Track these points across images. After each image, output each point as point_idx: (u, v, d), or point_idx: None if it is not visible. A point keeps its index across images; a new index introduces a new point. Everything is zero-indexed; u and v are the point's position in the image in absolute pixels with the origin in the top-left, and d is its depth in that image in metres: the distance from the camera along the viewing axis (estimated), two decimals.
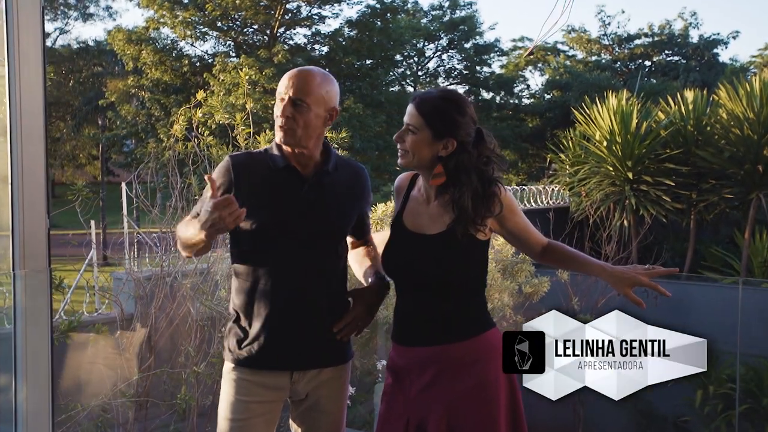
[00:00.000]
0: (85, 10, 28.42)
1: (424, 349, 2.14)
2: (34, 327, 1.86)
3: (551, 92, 26.63)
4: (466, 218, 2.10)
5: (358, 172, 2.39)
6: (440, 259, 2.12)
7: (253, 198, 2.22)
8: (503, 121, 24.98)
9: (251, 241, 2.25)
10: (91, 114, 24.72)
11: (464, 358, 2.11)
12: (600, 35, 30.09)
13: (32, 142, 1.86)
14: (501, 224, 2.19)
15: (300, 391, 2.30)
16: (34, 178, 1.88)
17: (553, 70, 28.42)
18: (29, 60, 1.82)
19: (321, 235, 2.25)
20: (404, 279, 2.20)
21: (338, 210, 2.29)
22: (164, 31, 20.43)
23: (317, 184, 2.26)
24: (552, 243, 2.28)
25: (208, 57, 20.58)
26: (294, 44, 21.13)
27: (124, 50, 19.43)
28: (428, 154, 2.15)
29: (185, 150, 5.42)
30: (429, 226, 2.19)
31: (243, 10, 19.32)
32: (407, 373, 2.17)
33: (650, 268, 2.12)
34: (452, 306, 2.14)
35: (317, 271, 2.25)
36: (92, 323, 5.49)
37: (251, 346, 2.26)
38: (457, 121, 2.13)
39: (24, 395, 1.83)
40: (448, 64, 26.91)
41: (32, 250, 1.85)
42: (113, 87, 21.20)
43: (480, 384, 2.08)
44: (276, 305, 2.23)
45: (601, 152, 13.64)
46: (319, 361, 2.27)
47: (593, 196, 12.95)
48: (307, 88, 2.19)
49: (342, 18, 35.64)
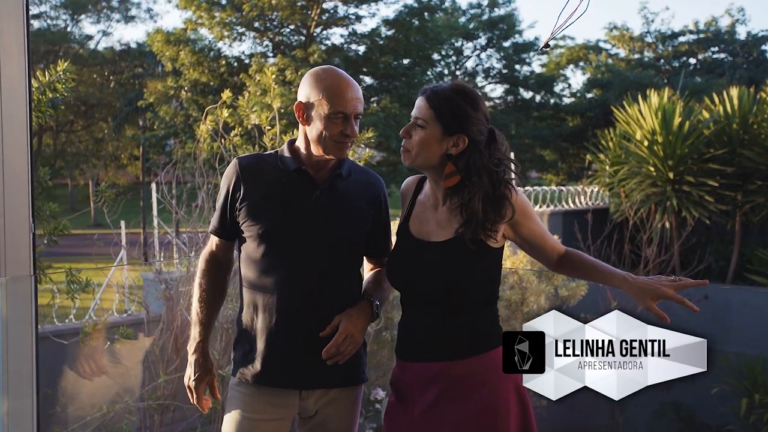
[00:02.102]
0: (126, 12, 28.84)
1: (427, 365, 1.99)
2: (16, 337, 1.77)
3: (592, 91, 26.20)
4: (476, 223, 1.94)
5: (374, 181, 2.25)
6: (447, 268, 1.96)
7: (261, 201, 2.13)
8: (543, 121, 24.63)
9: (258, 246, 2.13)
10: (131, 115, 25.05)
11: (471, 377, 1.95)
12: (643, 33, 29.54)
13: (14, 142, 1.77)
14: (514, 230, 2.02)
15: (309, 408, 2.17)
16: (15, 179, 1.79)
17: (595, 68, 27.97)
18: (11, 56, 1.73)
19: (332, 244, 2.11)
20: (409, 290, 2.05)
21: (351, 218, 2.15)
22: (202, 32, 20.59)
23: (330, 189, 2.14)
24: (570, 251, 2.10)
25: (245, 57, 20.67)
26: (331, 44, 21.11)
27: (162, 51, 19.62)
28: (437, 152, 1.98)
29: (211, 151, 5.37)
30: (436, 233, 2.03)
31: (279, 11, 19.35)
32: (410, 391, 2.01)
33: (676, 280, 1.93)
34: (459, 319, 1.98)
35: (328, 284, 2.11)
36: (118, 324, 5.48)
37: (257, 361, 2.14)
38: (470, 116, 1.97)
39: (5, 410, 1.75)
40: (486, 63, 26.64)
41: (14, 256, 1.76)
42: (152, 88, 21.43)
43: (488, 407, 1.92)
44: (283, 318, 2.10)
45: (642, 152, 13.35)
46: (328, 380, 2.14)
47: (633, 197, 12.67)
48: (360, 99, 2.16)
49: (379, 17, 35.61)
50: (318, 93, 2.09)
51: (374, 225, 2.20)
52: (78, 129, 28.45)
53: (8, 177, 1.79)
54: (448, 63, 26.30)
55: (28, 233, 1.81)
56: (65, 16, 27.79)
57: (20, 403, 1.78)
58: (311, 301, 2.10)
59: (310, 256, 2.10)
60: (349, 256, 2.16)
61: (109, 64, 27.76)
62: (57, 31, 27.16)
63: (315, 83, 2.11)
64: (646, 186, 13.32)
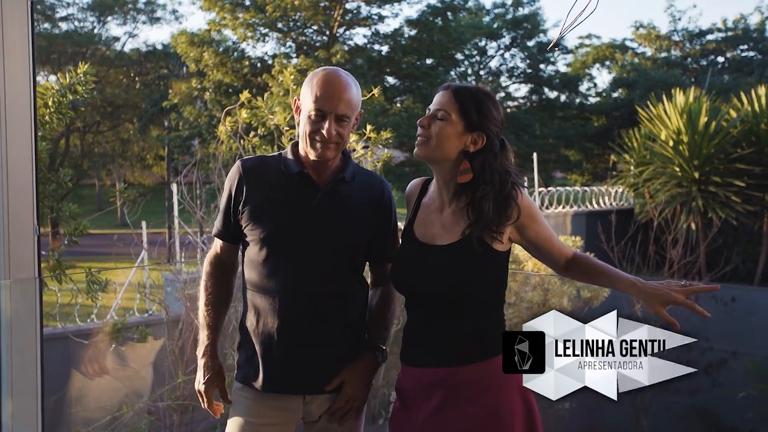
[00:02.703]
0: (152, 14, 29.06)
1: (430, 370, 1.96)
2: (20, 340, 1.77)
3: (618, 90, 25.95)
4: (484, 223, 1.91)
5: (378, 184, 2.20)
6: (452, 271, 1.93)
7: (263, 204, 2.11)
8: (567, 121, 24.44)
9: (260, 250, 2.11)
10: (156, 116, 25.27)
11: (475, 383, 1.91)
12: (670, 31, 29.21)
13: (18, 144, 1.77)
14: (520, 233, 1.98)
15: (313, 413, 2.14)
16: (19, 182, 1.78)
17: (620, 67, 27.70)
18: (15, 59, 1.73)
19: (335, 248, 2.08)
20: (413, 294, 2.02)
21: (354, 222, 2.11)
22: (226, 33, 20.70)
23: (332, 193, 2.11)
24: (578, 255, 2.05)
25: (268, 58, 20.76)
26: (353, 44, 21.12)
27: (186, 53, 19.76)
28: (455, 147, 1.97)
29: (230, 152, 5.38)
30: (441, 236, 1.99)
31: (302, 11, 19.40)
32: (414, 397, 1.99)
33: (687, 285, 1.88)
34: (464, 324, 1.94)
35: (330, 288, 2.08)
36: (138, 324, 5.51)
37: (260, 366, 2.12)
38: (492, 116, 1.98)
39: (9, 412, 1.75)
40: (510, 63, 26.49)
41: (18, 258, 1.76)
42: (177, 89, 21.61)
43: (493, 412, 1.88)
44: (285, 322, 2.08)
45: (667, 152, 13.20)
46: (318, 386, 2.11)
47: (658, 198, 12.52)
48: (348, 99, 2.09)
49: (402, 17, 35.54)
50: (305, 91, 2.09)
51: (378, 229, 2.16)
52: (104, 130, 28.73)
53: (12, 179, 1.79)
54: (471, 63, 26.19)
55: (32, 235, 1.81)
56: (92, 18, 28.07)
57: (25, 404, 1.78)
58: (313, 305, 2.07)
59: (312, 260, 2.07)
60: (352, 260, 2.13)
61: (134, 66, 28.00)
62: (84, 33, 27.44)
63: (306, 82, 2.11)
64: (672, 186, 13.15)
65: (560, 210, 12.38)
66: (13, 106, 1.75)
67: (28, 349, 1.78)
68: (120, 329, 5.16)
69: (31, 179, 1.81)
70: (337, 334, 2.09)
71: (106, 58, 27.22)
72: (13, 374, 1.74)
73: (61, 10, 27.39)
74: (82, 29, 27.66)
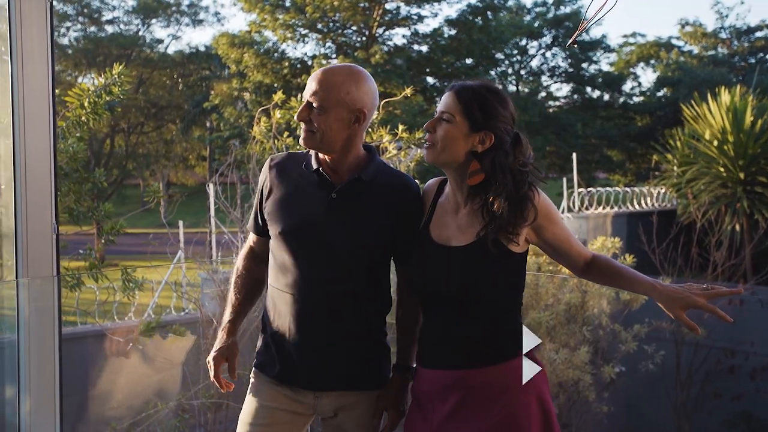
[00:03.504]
0: (195, 16, 29.48)
1: (446, 372, 1.93)
2: (38, 337, 1.79)
3: (663, 89, 25.50)
4: (498, 225, 1.87)
5: (402, 186, 2.15)
6: (467, 273, 1.89)
7: (282, 200, 2.14)
8: (610, 120, 24.10)
9: (278, 246, 2.14)
10: (198, 116, 25.63)
11: (490, 386, 1.88)
12: (717, 28, 28.59)
13: (37, 142, 1.79)
14: (538, 234, 1.94)
15: (326, 409, 2.16)
16: (38, 180, 1.80)
17: (665, 66, 27.21)
18: (34, 58, 1.75)
19: (347, 250, 2.06)
20: (428, 295, 1.99)
21: (366, 224, 2.08)
22: (266, 35, 20.87)
23: (346, 193, 2.08)
24: (598, 257, 2.00)
25: (307, 59, 20.87)
26: (393, 45, 21.13)
27: (227, 54, 19.98)
28: (462, 149, 1.92)
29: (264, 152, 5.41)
30: (457, 237, 1.96)
31: (342, 12, 19.46)
32: (429, 399, 1.96)
33: (709, 288, 1.82)
34: (478, 326, 1.91)
35: (341, 289, 2.08)
36: (172, 323, 5.58)
37: (274, 358, 2.16)
38: (498, 114, 1.91)
39: (27, 409, 1.77)
40: (551, 62, 26.22)
41: (37, 256, 1.78)
42: (218, 90, 21.88)
43: (508, 417, 1.85)
44: (295, 320, 2.10)
45: (712, 152, 12.92)
46: (342, 383, 2.12)
47: (702, 199, 12.25)
48: (324, 90, 2.04)
49: (441, 17, 35.42)
50: None
51: (395, 231, 2.11)
52: (148, 131, 29.22)
53: (31, 180, 1.81)
54: (512, 62, 25.99)
55: (51, 235, 1.82)
56: (137, 21, 28.58)
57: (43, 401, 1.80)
58: (322, 305, 2.08)
59: (323, 260, 2.07)
60: (365, 260, 2.10)
61: (177, 67, 28.44)
62: (129, 36, 27.95)
63: None
64: (716, 187, 12.87)
65: (600, 211, 12.19)
66: (32, 106, 1.77)
67: (46, 346, 1.80)
68: (155, 327, 5.22)
69: (50, 179, 1.83)
70: (349, 334, 2.09)
71: (150, 60, 27.69)
72: (31, 371, 1.77)
73: (107, 14, 27.96)
74: (127, 32, 28.18)
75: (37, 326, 1.79)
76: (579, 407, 6.53)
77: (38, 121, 1.80)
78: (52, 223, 1.81)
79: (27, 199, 1.76)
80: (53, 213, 1.80)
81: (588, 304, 6.65)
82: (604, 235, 9.51)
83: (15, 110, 1.77)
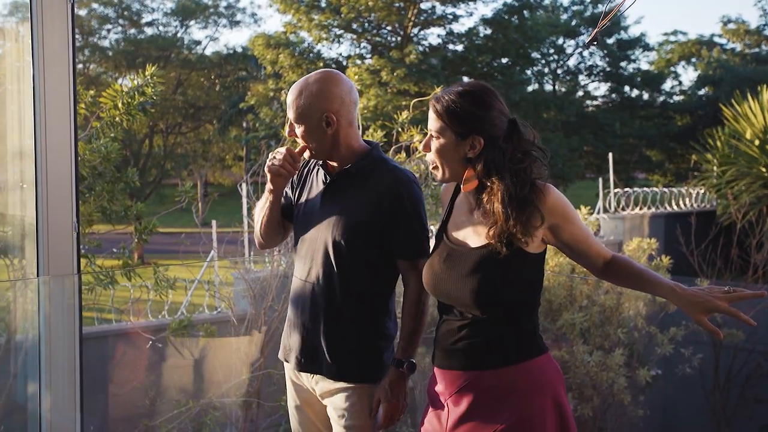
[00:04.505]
0: (233, 17, 29.73)
1: (459, 373, 1.92)
2: (59, 334, 1.81)
3: (704, 88, 25.04)
4: (501, 229, 1.83)
5: (395, 181, 2.19)
6: (481, 275, 1.87)
7: (295, 193, 2.33)
8: (649, 120, 23.74)
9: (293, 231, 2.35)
10: (235, 117, 25.88)
11: (504, 388, 1.86)
12: (761, 25, 27.98)
13: (58, 141, 1.81)
14: (555, 235, 1.90)
15: (322, 394, 2.26)
16: (59, 178, 1.83)
17: (706, 64, 26.71)
18: (54, 56, 1.77)
19: (332, 240, 2.17)
20: (443, 296, 1.98)
21: (347, 216, 2.16)
22: (302, 35, 20.96)
23: (335, 184, 2.21)
24: (617, 257, 1.95)
25: (342, 59, 20.92)
26: (428, 44, 21.07)
27: (263, 55, 20.11)
28: (457, 159, 1.91)
29: None
30: (472, 238, 1.94)
31: (376, 12, 19.46)
32: (443, 400, 1.95)
33: (730, 291, 1.76)
34: (493, 327, 1.89)
35: (328, 279, 2.19)
36: (203, 322, 5.62)
37: (285, 341, 2.33)
38: (479, 116, 1.88)
39: (47, 405, 1.79)
40: (589, 61, 25.91)
41: (57, 254, 1.80)
42: (254, 90, 22.04)
43: (522, 419, 1.82)
44: (291, 304, 2.28)
45: (753, 151, 12.65)
46: (320, 368, 2.22)
47: (742, 199, 11.99)
48: (292, 108, 2.20)
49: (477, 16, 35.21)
50: None
51: (382, 225, 2.17)
52: (186, 131, 29.58)
53: (52, 178, 1.84)
54: (548, 61, 25.75)
55: (71, 233, 1.84)
56: (175, 23, 28.93)
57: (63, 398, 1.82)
58: (311, 293, 2.20)
59: (311, 251, 2.21)
60: (349, 252, 2.16)
61: (215, 68, 28.74)
62: (167, 38, 28.31)
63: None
64: (757, 187, 12.58)
65: (637, 212, 11.99)
66: (53, 105, 1.79)
67: (67, 343, 1.82)
68: (187, 325, 5.26)
69: (71, 178, 1.85)
70: (340, 323, 2.18)
71: (188, 61, 28.03)
72: (51, 368, 1.79)
73: (146, 16, 28.35)
74: (165, 33, 28.55)
75: (58, 323, 1.82)
76: (614, 410, 6.45)
77: (59, 120, 1.83)
78: (73, 221, 1.83)
79: (48, 198, 1.78)
80: (74, 211, 1.82)
81: (623, 306, 6.56)
82: (640, 236, 9.37)
83: (36, 109, 1.80)
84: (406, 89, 18.09)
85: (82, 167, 3.90)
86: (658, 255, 7.04)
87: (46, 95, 1.75)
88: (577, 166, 21.25)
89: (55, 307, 1.84)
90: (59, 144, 1.78)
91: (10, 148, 2.32)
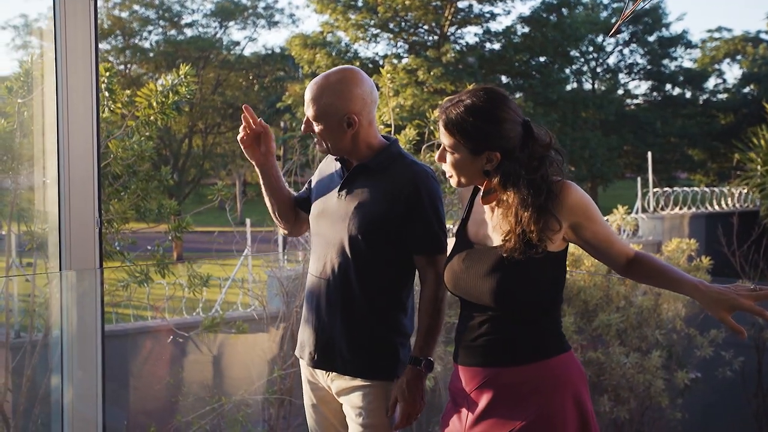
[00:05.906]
0: (271, 18, 29.94)
1: (479, 370, 1.89)
2: (81, 329, 1.82)
3: (748, 86, 24.51)
4: (516, 239, 1.80)
5: (411, 176, 2.16)
6: (500, 273, 1.84)
7: (315, 187, 2.32)
8: (692, 119, 23.32)
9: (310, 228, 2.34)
10: (273, 117, 26.05)
11: (524, 385, 1.83)
12: None
13: (81, 137, 1.82)
14: (576, 233, 1.86)
15: (338, 392, 2.23)
16: (82, 174, 1.84)
17: (751, 61, 26.13)
18: (77, 54, 1.78)
19: (348, 235, 2.15)
20: (462, 294, 1.95)
21: (362, 211, 2.14)
22: (339, 35, 21.05)
23: (352, 179, 2.19)
24: (641, 255, 1.91)
25: (379, 59, 20.96)
26: (465, 43, 20.99)
27: (300, 55, 20.24)
28: (475, 171, 1.88)
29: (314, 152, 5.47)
30: (492, 236, 1.91)
31: (413, 11, 19.46)
32: (464, 397, 1.93)
33: (757, 289, 1.71)
34: (513, 325, 1.86)
35: (341, 275, 2.17)
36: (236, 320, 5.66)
37: (301, 337, 2.31)
38: (490, 133, 1.82)
39: (69, 399, 1.80)
40: (629, 59, 25.54)
41: (80, 249, 1.81)
42: (292, 90, 22.19)
43: (541, 418, 1.79)
44: (306, 300, 2.25)
45: None
46: (335, 365, 2.20)
47: None
48: (311, 106, 2.16)
49: (514, 15, 34.95)
50: None
51: (402, 220, 2.14)
52: (225, 131, 29.88)
53: (75, 175, 1.85)
54: (587, 59, 25.44)
55: (93, 228, 1.86)
56: (215, 24, 29.22)
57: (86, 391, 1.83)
58: (325, 290, 2.18)
59: (326, 247, 2.19)
60: (364, 247, 2.14)
61: (253, 68, 28.97)
62: (207, 38, 28.62)
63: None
64: None
65: (677, 212, 11.78)
66: (76, 102, 1.81)
67: (88, 337, 1.83)
68: (219, 323, 5.30)
69: (93, 174, 1.87)
70: (356, 319, 2.16)
71: (227, 61, 28.29)
72: (73, 363, 1.80)
73: (186, 17, 28.69)
74: (205, 34, 28.86)
75: (80, 319, 1.83)
76: (651, 413, 6.34)
77: (82, 117, 1.84)
78: (95, 217, 1.85)
79: (71, 193, 1.80)
80: (96, 207, 1.83)
81: (662, 308, 6.44)
82: (680, 236, 9.21)
83: (60, 106, 1.81)
84: (442, 88, 18.06)
85: (116, 165, 3.95)
86: (698, 256, 6.91)
87: (68, 92, 1.77)
88: (616, 166, 21.00)
89: (78, 301, 1.86)
90: (82, 140, 1.80)
91: (51, 146, 2.36)
